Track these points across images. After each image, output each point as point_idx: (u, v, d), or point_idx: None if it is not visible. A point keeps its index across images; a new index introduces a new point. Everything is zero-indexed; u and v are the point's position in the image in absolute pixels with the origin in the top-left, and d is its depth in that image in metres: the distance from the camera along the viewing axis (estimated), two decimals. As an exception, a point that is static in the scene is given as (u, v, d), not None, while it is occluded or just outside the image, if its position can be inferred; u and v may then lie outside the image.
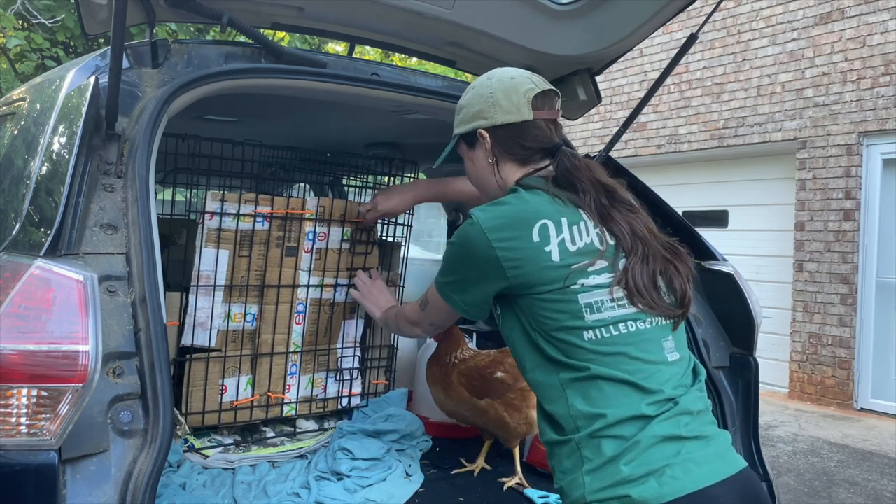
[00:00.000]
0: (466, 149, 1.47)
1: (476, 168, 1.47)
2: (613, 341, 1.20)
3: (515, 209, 1.28)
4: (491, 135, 1.39)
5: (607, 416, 1.15)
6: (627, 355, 1.20)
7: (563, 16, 2.00)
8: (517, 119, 1.37)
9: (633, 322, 1.23)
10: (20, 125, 1.82)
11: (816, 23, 6.47)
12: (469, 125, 1.43)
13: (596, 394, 1.18)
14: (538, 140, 1.39)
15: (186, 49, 1.68)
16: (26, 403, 1.15)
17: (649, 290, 1.23)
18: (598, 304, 1.21)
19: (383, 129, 2.62)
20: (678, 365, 1.25)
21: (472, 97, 1.43)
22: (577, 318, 1.21)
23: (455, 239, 1.31)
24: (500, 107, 1.37)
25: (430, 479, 2.01)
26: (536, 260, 1.23)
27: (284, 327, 2.21)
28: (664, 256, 1.27)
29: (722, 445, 1.20)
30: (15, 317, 1.16)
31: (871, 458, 4.81)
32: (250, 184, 2.87)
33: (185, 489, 1.81)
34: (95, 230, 1.34)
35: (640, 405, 1.16)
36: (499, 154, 1.40)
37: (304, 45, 6.99)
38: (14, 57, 7.09)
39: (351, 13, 1.91)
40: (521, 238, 1.24)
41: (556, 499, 1.91)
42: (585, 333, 1.20)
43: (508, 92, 1.38)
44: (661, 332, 1.25)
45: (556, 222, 1.25)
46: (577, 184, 1.31)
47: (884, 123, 5.99)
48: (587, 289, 1.22)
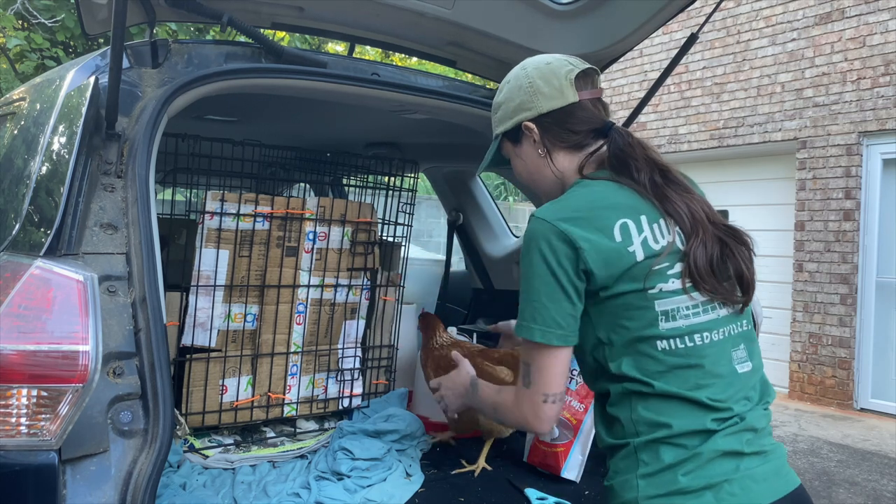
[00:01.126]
0: (512, 147, 1.38)
1: (527, 164, 1.37)
2: (687, 353, 1.15)
3: (588, 202, 1.20)
4: (538, 125, 1.31)
5: (672, 427, 1.12)
6: (698, 368, 1.15)
7: (563, 16, 1.99)
8: (562, 103, 1.29)
9: (707, 333, 1.17)
10: (20, 125, 1.82)
11: (816, 23, 6.47)
12: (512, 120, 1.35)
13: (662, 406, 1.14)
14: (587, 122, 1.31)
15: (186, 49, 1.67)
16: (26, 403, 1.15)
17: (708, 273, 1.16)
18: (674, 311, 1.16)
19: (383, 129, 2.62)
20: (747, 377, 1.20)
21: (510, 91, 1.35)
22: (652, 326, 1.15)
23: (524, 251, 1.20)
24: (543, 94, 1.30)
25: (430, 479, 2.01)
26: (619, 257, 1.15)
27: (285, 327, 2.21)
28: (722, 239, 1.20)
29: (779, 461, 1.17)
30: (15, 317, 1.16)
31: (871, 458, 4.81)
32: (250, 184, 2.87)
33: (185, 489, 1.81)
34: (95, 230, 1.34)
35: (706, 420, 1.12)
36: (549, 144, 1.31)
37: (304, 45, 6.98)
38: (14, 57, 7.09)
39: (351, 13, 1.91)
40: (600, 233, 1.16)
41: (555, 500, 1.91)
42: (659, 343, 1.15)
43: (548, 77, 1.30)
44: (732, 341, 1.20)
45: (637, 220, 1.18)
46: (630, 163, 1.24)
47: (884, 123, 5.99)
48: (665, 294, 1.16)
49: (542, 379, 1.19)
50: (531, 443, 2.18)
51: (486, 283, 3.10)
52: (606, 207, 1.19)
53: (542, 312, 1.16)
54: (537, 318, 1.16)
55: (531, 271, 1.17)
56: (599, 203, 1.20)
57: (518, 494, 1.96)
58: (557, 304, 1.16)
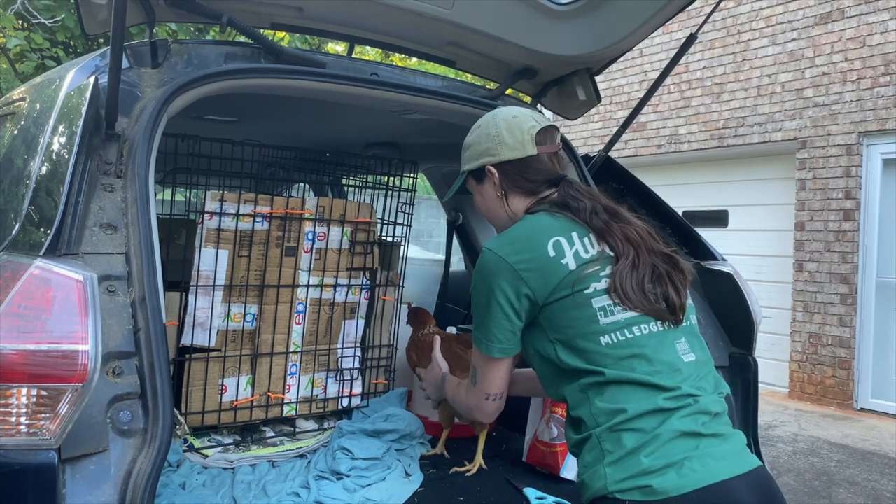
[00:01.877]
0: (475, 184, 1.54)
1: (486, 201, 1.54)
2: (628, 344, 1.26)
3: (525, 231, 1.37)
4: (499, 170, 1.47)
5: (627, 411, 1.20)
6: (642, 357, 1.25)
7: (563, 16, 2.00)
8: (522, 154, 1.46)
9: (645, 325, 1.28)
10: (20, 125, 1.82)
11: (816, 23, 6.47)
12: (477, 162, 1.51)
13: (615, 393, 1.23)
14: (542, 172, 1.47)
15: (186, 49, 1.68)
16: (26, 403, 1.15)
17: (637, 293, 1.29)
18: (610, 307, 1.28)
19: (383, 129, 2.62)
20: (694, 366, 1.29)
21: (479, 136, 1.51)
22: (593, 321, 1.27)
23: (475, 276, 1.38)
24: (506, 144, 1.46)
25: (429, 478, 2.01)
26: (554, 270, 1.30)
27: (284, 327, 2.21)
28: (654, 264, 1.34)
29: (738, 444, 1.25)
30: (15, 316, 1.16)
31: (871, 458, 4.81)
32: (250, 184, 2.88)
33: (184, 489, 1.81)
34: (95, 230, 1.34)
35: (658, 399, 1.21)
36: (507, 187, 1.48)
37: (304, 45, 6.98)
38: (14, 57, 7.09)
39: (351, 13, 1.91)
40: (536, 253, 1.32)
41: (554, 500, 1.91)
42: (602, 338, 1.26)
43: (513, 129, 1.47)
44: (672, 334, 1.31)
45: (568, 237, 1.34)
46: (571, 203, 1.40)
47: (884, 123, 5.99)
48: (599, 293, 1.29)
49: (485, 381, 1.42)
50: (530, 443, 2.19)
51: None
52: (540, 230, 1.36)
53: (487, 329, 1.36)
54: (484, 333, 1.36)
55: (481, 294, 1.36)
56: (534, 229, 1.37)
57: (517, 494, 1.96)
58: (498, 323, 1.34)
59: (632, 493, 1.15)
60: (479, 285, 1.37)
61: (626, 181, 2.41)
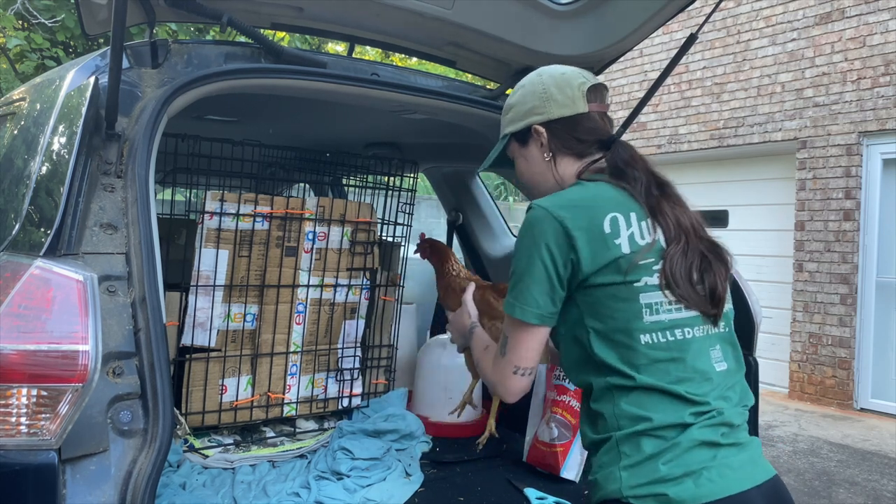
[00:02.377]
0: (519, 147, 1.44)
1: (530, 165, 1.43)
2: (668, 346, 1.20)
3: (584, 197, 1.27)
4: (547, 130, 1.38)
5: (652, 421, 1.16)
6: (679, 361, 1.20)
7: (563, 16, 1.99)
8: (572, 112, 1.36)
9: (688, 329, 1.22)
10: (20, 125, 1.82)
11: (816, 23, 6.47)
12: (522, 122, 1.41)
13: (643, 399, 1.18)
14: (594, 132, 1.38)
15: (186, 49, 1.67)
16: (26, 403, 1.15)
17: (684, 281, 1.22)
18: (657, 305, 1.21)
19: (383, 129, 2.62)
20: (724, 375, 1.25)
21: (524, 95, 1.42)
22: (637, 318, 1.20)
23: (520, 234, 1.27)
24: (555, 101, 1.36)
25: (429, 478, 2.01)
26: (605, 247, 1.21)
27: (284, 327, 2.21)
28: (703, 253, 1.26)
29: (755, 452, 1.22)
30: (15, 316, 1.16)
31: (871, 458, 4.81)
32: (250, 184, 2.88)
33: (184, 489, 1.81)
34: (95, 230, 1.34)
35: (685, 414, 1.16)
36: (556, 149, 1.38)
37: (304, 45, 6.98)
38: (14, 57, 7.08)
39: (351, 13, 1.91)
40: (593, 223, 1.22)
41: (554, 500, 1.91)
42: (643, 336, 1.20)
43: (561, 86, 1.37)
44: (709, 340, 1.25)
45: (626, 216, 1.24)
46: (629, 171, 1.30)
47: (884, 123, 5.99)
48: (649, 288, 1.21)
49: (515, 352, 1.27)
50: (530, 443, 2.19)
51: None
52: (601, 201, 1.25)
53: (524, 292, 1.23)
54: (520, 297, 1.24)
55: (522, 253, 1.24)
56: (595, 197, 1.27)
57: (518, 494, 1.96)
58: (540, 287, 1.23)
59: (647, 500, 1.13)
60: (523, 244, 1.25)
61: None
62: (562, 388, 2.15)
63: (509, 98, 1.47)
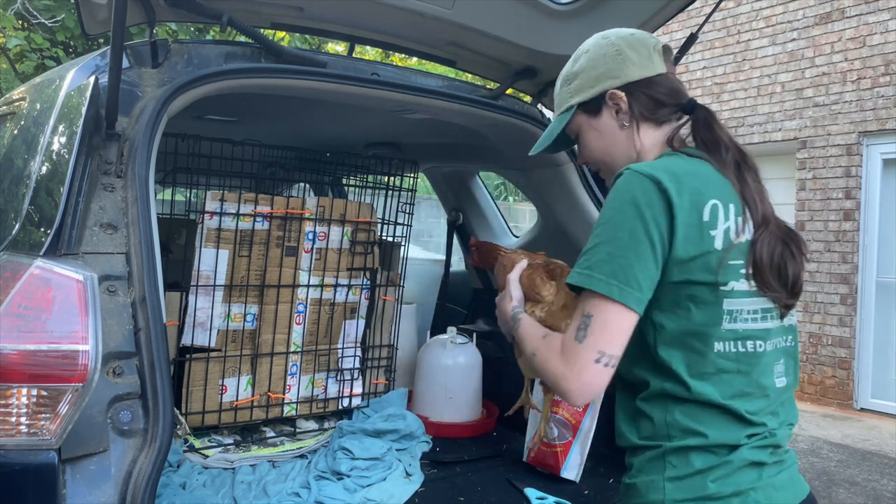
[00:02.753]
0: (588, 119, 1.27)
1: (603, 138, 1.26)
2: (738, 358, 1.10)
3: (689, 172, 1.11)
4: (627, 94, 1.22)
5: (707, 437, 1.08)
6: (745, 375, 1.11)
7: (563, 16, 1.99)
8: (652, 73, 1.21)
9: (761, 342, 1.12)
10: (20, 125, 1.82)
11: (816, 23, 6.47)
12: (594, 89, 1.24)
13: (700, 413, 1.09)
14: (675, 94, 1.23)
15: (186, 49, 1.67)
16: (26, 403, 1.15)
17: (769, 273, 1.11)
18: (738, 313, 1.10)
19: (383, 129, 2.62)
20: (781, 391, 1.17)
21: (591, 59, 1.25)
22: (716, 324, 1.08)
23: (613, 201, 1.09)
24: (632, 61, 1.21)
25: (429, 478, 2.01)
26: (700, 237, 1.06)
27: (284, 327, 2.21)
28: (783, 240, 1.14)
29: (793, 468, 1.18)
30: (15, 316, 1.16)
31: (871, 458, 4.81)
32: (250, 184, 2.87)
33: (185, 489, 1.81)
34: (95, 230, 1.34)
35: (740, 436, 1.09)
36: (636, 116, 1.22)
37: (304, 44, 6.98)
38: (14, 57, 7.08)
39: (351, 13, 1.91)
40: (693, 205, 1.07)
41: (555, 500, 1.91)
42: (717, 344, 1.09)
43: (635, 45, 1.22)
44: (776, 354, 1.16)
45: (726, 207, 1.09)
46: (719, 143, 1.17)
47: (884, 123, 5.99)
48: (735, 294, 1.09)
49: (603, 335, 1.05)
50: (531, 443, 2.19)
51: (486, 283, 3.10)
52: (707, 181, 1.11)
53: (625, 270, 1.05)
54: (618, 275, 1.04)
55: (620, 223, 1.06)
56: (695, 174, 1.11)
57: (518, 494, 1.96)
58: (643, 265, 1.05)
59: None
60: (620, 213, 1.07)
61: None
62: (562, 388, 2.14)
63: (568, 68, 1.30)
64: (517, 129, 2.15)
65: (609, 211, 1.08)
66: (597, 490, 2.04)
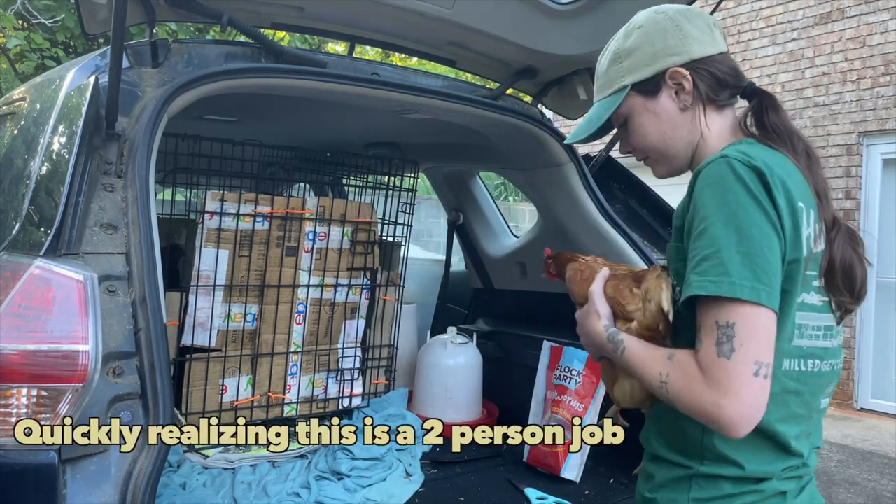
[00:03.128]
0: (644, 101, 1.12)
1: (661, 123, 1.12)
2: (798, 377, 1.01)
3: (777, 163, 0.98)
4: (692, 73, 1.09)
5: (744, 469, 1.00)
6: (799, 395, 1.02)
7: (563, 16, 1.99)
8: (715, 50, 1.09)
9: (819, 361, 1.03)
10: (20, 125, 1.82)
11: (816, 23, 6.47)
12: (652, 67, 1.10)
13: (743, 443, 0.97)
14: (737, 76, 1.11)
15: (186, 49, 1.67)
16: (26, 403, 1.15)
17: (839, 273, 1.01)
18: (804, 328, 1.00)
19: (383, 129, 2.62)
20: (819, 413, 1.10)
21: (647, 35, 1.12)
22: (787, 339, 0.99)
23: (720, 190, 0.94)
24: (694, 37, 1.09)
25: (430, 478, 2.01)
26: (795, 241, 0.95)
27: (285, 327, 2.21)
28: (849, 240, 1.04)
29: (812, 483, 1.11)
30: (15, 316, 1.16)
31: (871, 458, 4.81)
32: (250, 184, 2.88)
33: (185, 489, 1.81)
34: (95, 230, 1.34)
35: (777, 469, 1.02)
36: (699, 98, 1.10)
37: (304, 44, 6.98)
38: (14, 57, 7.08)
39: (351, 13, 1.91)
40: (789, 202, 0.95)
41: (555, 500, 1.91)
42: (785, 361, 0.99)
43: (694, 20, 1.10)
44: (828, 376, 1.07)
45: (807, 211, 0.98)
46: (791, 130, 1.06)
47: (884, 123, 5.99)
48: (806, 307, 1.00)
49: (753, 342, 0.89)
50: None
51: (486, 282, 3.10)
52: (791, 178, 0.97)
53: (765, 269, 0.91)
54: (760, 276, 0.90)
55: (742, 218, 0.92)
56: (785, 170, 0.98)
57: (518, 494, 1.96)
58: (772, 259, 0.92)
59: None
60: (740, 207, 0.92)
61: (627, 181, 2.41)
62: (562, 388, 2.15)
63: (617, 45, 1.16)
64: (517, 129, 2.15)
65: (722, 206, 0.93)
66: (597, 490, 2.04)
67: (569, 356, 2.17)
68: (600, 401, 2.07)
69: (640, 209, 2.38)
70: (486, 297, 3.11)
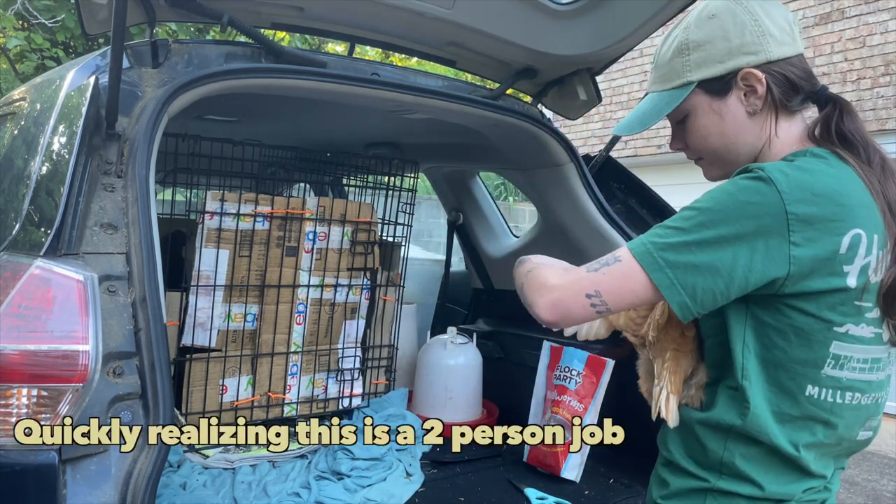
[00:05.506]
0: (710, 100, 1.04)
1: (725, 125, 1.04)
2: (831, 409, 0.96)
3: (832, 187, 0.91)
4: (766, 75, 1.00)
5: (763, 490, 0.97)
6: (829, 427, 0.97)
7: (563, 16, 1.99)
8: (793, 52, 1.01)
9: (860, 395, 0.98)
10: (20, 125, 1.82)
11: (816, 23, 6.47)
12: (724, 65, 1.01)
13: (763, 462, 0.97)
14: (811, 80, 1.03)
15: (186, 49, 1.67)
16: (26, 403, 1.15)
17: None
18: (845, 360, 0.95)
19: (383, 129, 2.62)
20: (858, 444, 1.05)
21: (721, 27, 1.02)
22: (816, 367, 0.94)
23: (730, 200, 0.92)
24: (772, 35, 0.99)
25: (430, 478, 2.01)
26: (829, 273, 0.91)
27: (285, 327, 2.21)
28: None
29: (832, 499, 1.08)
30: (15, 316, 1.16)
31: (871, 458, 4.81)
32: (250, 184, 2.88)
33: (185, 489, 1.81)
34: (95, 230, 1.34)
35: (798, 490, 0.99)
36: (772, 103, 1.02)
37: (304, 45, 6.98)
38: (14, 57, 7.08)
39: (351, 13, 1.91)
40: (829, 236, 0.90)
41: (555, 500, 1.91)
42: (809, 388, 0.95)
43: (774, 15, 1.01)
44: (871, 409, 1.02)
45: (870, 236, 0.92)
46: (866, 139, 0.99)
47: (884, 123, 5.99)
48: (849, 339, 0.94)
49: (612, 280, 0.93)
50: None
51: (486, 283, 3.10)
52: (850, 200, 0.92)
53: (689, 272, 0.91)
54: (678, 265, 0.91)
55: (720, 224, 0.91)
56: (842, 191, 0.92)
57: (518, 494, 1.96)
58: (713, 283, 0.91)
59: None
60: (728, 211, 0.91)
61: (627, 181, 2.41)
62: (562, 388, 2.15)
63: (684, 34, 1.05)
64: (517, 129, 2.15)
65: (718, 202, 0.92)
66: (597, 490, 2.04)
67: (569, 356, 2.17)
68: (600, 401, 2.07)
69: (640, 209, 2.37)
70: (486, 297, 3.11)
